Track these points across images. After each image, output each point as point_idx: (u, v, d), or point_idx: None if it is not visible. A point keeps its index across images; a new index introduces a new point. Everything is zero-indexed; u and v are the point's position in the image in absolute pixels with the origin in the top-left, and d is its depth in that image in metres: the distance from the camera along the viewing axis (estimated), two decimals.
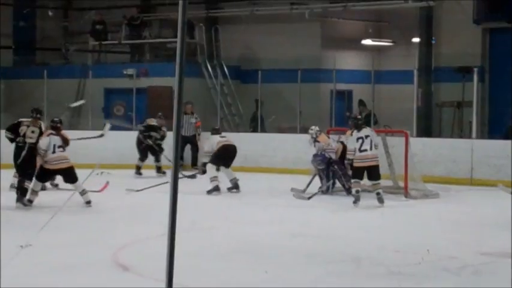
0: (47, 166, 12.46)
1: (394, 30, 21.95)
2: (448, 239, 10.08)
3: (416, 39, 20.64)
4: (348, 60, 21.73)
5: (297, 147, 17.40)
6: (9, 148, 13.47)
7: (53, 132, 12.68)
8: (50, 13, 24.86)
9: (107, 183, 14.11)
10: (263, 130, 20.09)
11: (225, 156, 14.52)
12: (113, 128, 20.43)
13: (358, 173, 13.08)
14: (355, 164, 13.07)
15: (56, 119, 12.93)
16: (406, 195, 13.95)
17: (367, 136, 13.04)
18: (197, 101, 19.84)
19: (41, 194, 12.74)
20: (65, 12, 25.85)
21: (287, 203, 13.30)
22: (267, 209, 12.82)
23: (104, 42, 23.32)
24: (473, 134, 16.73)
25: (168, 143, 17.11)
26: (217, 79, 21.52)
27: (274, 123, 20.34)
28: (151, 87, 21.33)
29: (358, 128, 13.10)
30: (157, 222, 10.43)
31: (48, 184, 14.04)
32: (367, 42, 22.39)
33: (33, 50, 25.38)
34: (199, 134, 18.72)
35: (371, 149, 12.98)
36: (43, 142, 12.54)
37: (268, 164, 18.28)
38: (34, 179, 12.50)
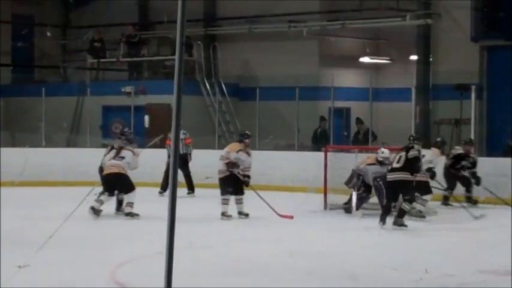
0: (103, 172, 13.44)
1: (392, 48, 22.01)
2: (446, 257, 10.06)
3: (414, 57, 20.68)
4: (346, 78, 21.76)
5: (295, 164, 17.40)
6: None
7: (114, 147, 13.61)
8: (49, 34, 24.93)
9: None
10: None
11: None
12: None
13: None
14: None
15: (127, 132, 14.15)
16: None
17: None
18: (195, 118, 19.85)
19: (42, 212, 12.71)
20: (63, 30, 25.89)
21: (285, 221, 13.27)
22: (266, 227, 12.79)
23: (102, 60, 23.36)
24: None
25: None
26: (215, 97, 21.56)
27: (273, 141, 20.30)
28: (150, 105, 21.34)
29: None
30: (155, 240, 10.43)
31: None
32: (365, 60, 22.44)
33: (31, 67, 25.42)
34: (190, 154, 16.93)
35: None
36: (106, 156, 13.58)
37: (267, 181, 18.21)
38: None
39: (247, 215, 13.38)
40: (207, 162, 18.24)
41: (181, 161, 16.40)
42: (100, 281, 8.29)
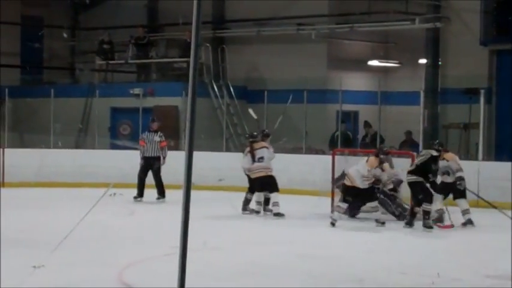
0: (250, 175, 14.14)
1: (401, 51, 21.97)
2: (453, 261, 10.05)
3: (423, 61, 20.65)
4: (354, 81, 21.73)
5: (303, 168, 17.35)
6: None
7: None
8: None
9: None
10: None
11: None
12: (117, 147, 20.52)
13: None
14: None
15: (254, 133, 14.61)
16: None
17: None
18: (203, 120, 19.84)
19: (51, 213, 12.73)
20: (72, 32, 25.94)
21: (294, 224, 13.27)
22: (274, 230, 12.79)
23: (110, 62, 23.38)
24: (480, 156, 16.68)
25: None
26: (223, 99, 21.55)
27: (283, 144, 20.26)
28: (158, 107, 21.36)
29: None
30: (163, 242, 10.44)
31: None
32: (374, 63, 22.41)
33: (40, 68, 25.47)
34: (164, 157, 16.30)
35: None
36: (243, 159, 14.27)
37: None
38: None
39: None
40: (214, 165, 18.31)
41: (154, 163, 16.27)
42: (107, 282, 8.30)
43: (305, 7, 21.53)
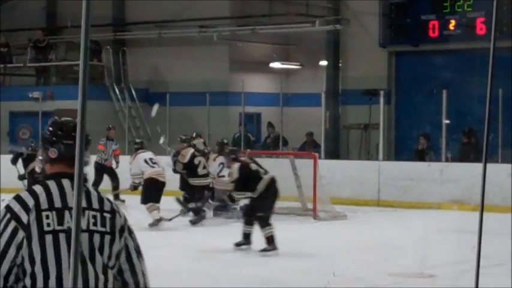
0: None
1: (302, 53, 22.12)
2: (355, 260, 10.12)
3: (323, 63, 20.85)
4: (257, 83, 21.77)
5: None
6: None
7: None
8: None
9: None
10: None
11: None
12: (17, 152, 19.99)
13: None
14: None
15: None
16: (315, 216, 14.02)
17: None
18: (105, 124, 19.54)
19: None
20: None
21: (186, 227, 13.17)
22: (168, 233, 12.66)
23: (8, 65, 22.87)
24: (380, 156, 16.93)
25: None
26: (125, 102, 21.31)
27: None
28: (60, 111, 20.95)
29: None
30: None
31: None
32: (276, 65, 22.48)
33: None
34: (117, 162, 17.16)
35: None
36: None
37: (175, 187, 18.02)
38: None
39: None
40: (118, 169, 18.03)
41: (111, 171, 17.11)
42: None
43: (207, 9, 21.46)
